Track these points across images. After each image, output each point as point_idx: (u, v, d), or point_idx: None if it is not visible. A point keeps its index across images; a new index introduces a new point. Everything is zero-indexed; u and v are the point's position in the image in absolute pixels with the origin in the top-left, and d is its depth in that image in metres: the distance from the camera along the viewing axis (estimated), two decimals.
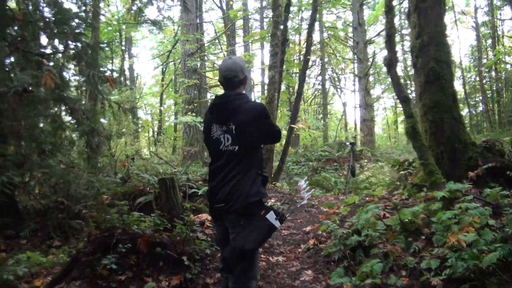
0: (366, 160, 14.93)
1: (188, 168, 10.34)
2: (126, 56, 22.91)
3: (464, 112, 20.64)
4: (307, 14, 21.59)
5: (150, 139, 24.47)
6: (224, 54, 22.57)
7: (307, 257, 4.62)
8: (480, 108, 22.21)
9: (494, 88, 21.00)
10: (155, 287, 3.30)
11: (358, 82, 19.60)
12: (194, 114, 14.17)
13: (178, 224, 3.89)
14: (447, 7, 13.18)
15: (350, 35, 21.64)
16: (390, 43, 4.96)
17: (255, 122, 2.38)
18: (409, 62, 20.63)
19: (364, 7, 19.41)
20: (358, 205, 6.29)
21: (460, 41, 42.20)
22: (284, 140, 11.56)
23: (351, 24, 19.15)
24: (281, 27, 11.62)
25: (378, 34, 25.47)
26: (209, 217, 5.00)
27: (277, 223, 2.27)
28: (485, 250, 2.79)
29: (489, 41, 21.47)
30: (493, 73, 20.58)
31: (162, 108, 25.33)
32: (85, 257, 3.52)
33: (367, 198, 6.55)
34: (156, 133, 25.18)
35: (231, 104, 2.40)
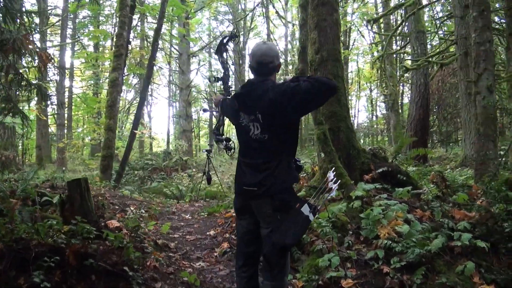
0: (194, 170, 15.46)
1: (36, 173, 8.90)
2: None
3: None
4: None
5: None
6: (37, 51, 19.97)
7: (227, 260, 4.53)
8: None
9: None
10: None
11: (180, 93, 19.92)
12: (11, 114, 12.38)
13: (106, 231, 3.39)
14: None
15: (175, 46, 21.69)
16: (303, 55, 5.33)
17: (284, 103, 2.16)
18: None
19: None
20: None
21: None
22: (126, 146, 11.18)
23: (175, 35, 19.22)
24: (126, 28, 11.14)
25: (203, 49, 26.37)
26: (118, 224, 4.48)
27: (311, 216, 2.21)
28: (420, 238, 3.26)
29: None
30: None
31: None
32: None
33: None
34: None
35: (255, 93, 2.24)
